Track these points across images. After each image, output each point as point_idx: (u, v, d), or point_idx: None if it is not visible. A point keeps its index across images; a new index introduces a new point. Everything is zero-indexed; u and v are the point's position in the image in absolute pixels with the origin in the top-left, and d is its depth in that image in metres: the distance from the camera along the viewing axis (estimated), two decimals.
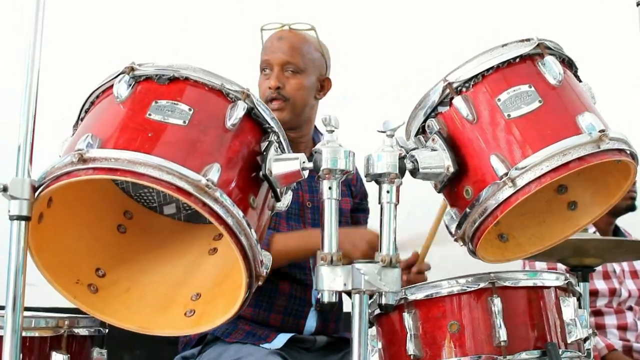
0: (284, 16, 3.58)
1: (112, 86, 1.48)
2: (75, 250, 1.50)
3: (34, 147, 1.43)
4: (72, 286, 1.49)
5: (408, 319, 1.69)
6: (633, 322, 3.11)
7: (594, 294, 3.14)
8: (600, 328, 3.07)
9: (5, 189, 1.33)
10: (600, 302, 3.21)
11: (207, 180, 1.32)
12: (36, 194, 1.36)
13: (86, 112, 1.55)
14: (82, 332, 1.62)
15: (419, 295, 1.69)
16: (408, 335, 1.69)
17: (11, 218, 1.34)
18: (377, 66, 4.37)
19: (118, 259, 1.58)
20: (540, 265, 2.86)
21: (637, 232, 3.37)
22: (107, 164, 1.34)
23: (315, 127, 2.73)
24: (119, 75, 1.48)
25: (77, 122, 1.56)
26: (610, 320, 3.09)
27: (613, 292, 3.06)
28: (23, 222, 1.35)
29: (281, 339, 2.18)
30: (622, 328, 3.10)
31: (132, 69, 1.48)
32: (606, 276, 3.05)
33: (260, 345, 2.15)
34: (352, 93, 4.17)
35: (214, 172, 1.34)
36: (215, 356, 2.13)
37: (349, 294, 1.42)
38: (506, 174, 1.45)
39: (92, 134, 1.37)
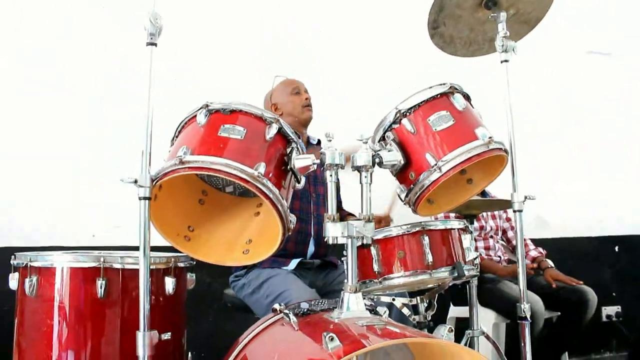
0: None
1: (194, 116, 1.45)
2: (175, 216, 1.46)
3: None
4: (174, 237, 1.46)
5: (373, 250, 1.66)
6: (493, 244, 3.11)
7: None
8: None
9: (136, 181, 1.30)
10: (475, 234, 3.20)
11: (258, 173, 1.30)
12: (154, 183, 1.33)
13: (179, 132, 1.50)
14: (181, 264, 1.58)
15: (379, 235, 1.66)
16: (374, 259, 1.66)
17: (140, 199, 1.31)
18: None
19: (200, 220, 1.54)
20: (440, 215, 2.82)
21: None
22: (196, 164, 1.32)
23: None
24: (199, 109, 1.44)
25: (173, 138, 1.52)
26: (480, 244, 3.09)
27: (482, 228, 3.05)
28: (146, 201, 1.31)
29: (293, 263, 2.16)
30: (487, 248, 3.10)
31: (207, 106, 1.44)
32: (479, 219, 3.05)
33: (281, 268, 2.12)
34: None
35: (262, 168, 1.32)
36: (255, 276, 2.11)
37: None
38: (435, 164, 1.45)
39: (185, 146, 1.35)
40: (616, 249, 4.03)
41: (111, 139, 2.81)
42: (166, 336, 1.33)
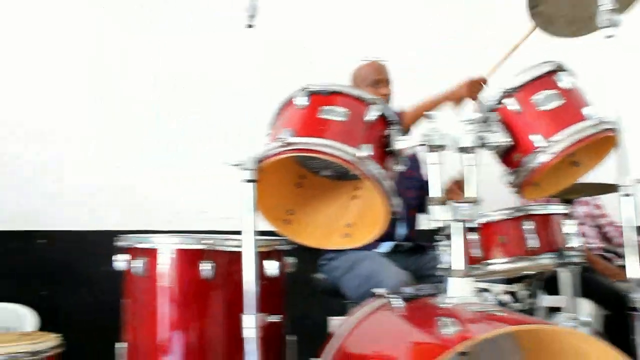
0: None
1: (291, 100, 1.45)
2: (274, 200, 1.47)
3: None
4: (276, 220, 1.47)
5: (474, 235, 1.62)
6: (586, 231, 2.97)
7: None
8: None
9: (241, 165, 1.31)
10: None
11: (362, 154, 1.29)
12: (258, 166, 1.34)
13: (277, 117, 1.51)
14: (282, 248, 1.59)
15: (482, 220, 1.61)
16: (474, 244, 1.62)
17: (245, 182, 1.32)
18: None
19: (299, 203, 1.55)
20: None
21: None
22: (301, 146, 1.32)
23: None
24: (298, 92, 1.44)
25: (272, 124, 1.53)
26: None
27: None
28: (252, 184, 1.32)
29: (385, 246, 2.16)
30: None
31: (306, 88, 1.44)
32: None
33: (372, 250, 2.11)
34: None
35: (366, 149, 1.31)
36: (346, 258, 2.11)
37: None
38: (543, 146, 1.39)
39: (288, 128, 1.35)
40: None
41: (208, 127, 2.88)
42: (275, 318, 1.35)
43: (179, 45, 3.12)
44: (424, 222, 2.45)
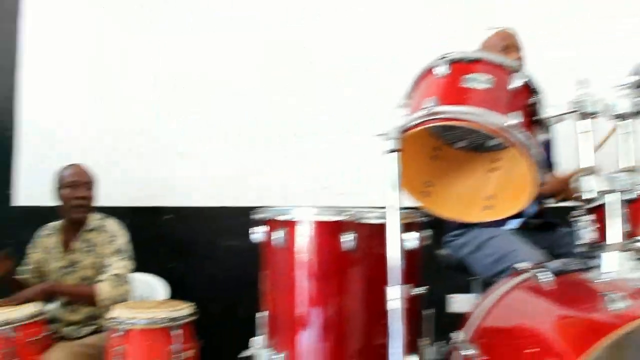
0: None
1: (430, 70, 1.42)
2: (413, 171, 1.45)
3: None
4: (415, 192, 1.46)
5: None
6: None
7: None
8: None
9: (386, 135, 1.30)
10: None
11: (510, 122, 1.24)
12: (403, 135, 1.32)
13: (414, 87, 1.48)
14: (421, 220, 1.58)
15: None
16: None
17: (388, 152, 1.31)
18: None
19: (436, 176, 1.53)
20: None
21: None
22: (448, 115, 1.28)
23: None
24: (437, 61, 1.40)
25: (407, 96, 1.50)
26: None
27: None
28: (397, 154, 1.31)
29: (514, 222, 2.09)
30: None
31: (446, 57, 1.39)
32: None
33: (501, 227, 2.05)
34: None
35: (513, 117, 1.26)
36: (475, 235, 2.06)
37: None
38: None
39: (431, 97, 1.32)
40: None
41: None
42: (419, 290, 1.34)
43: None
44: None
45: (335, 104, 3.09)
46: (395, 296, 1.28)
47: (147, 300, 2.40)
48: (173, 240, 2.99)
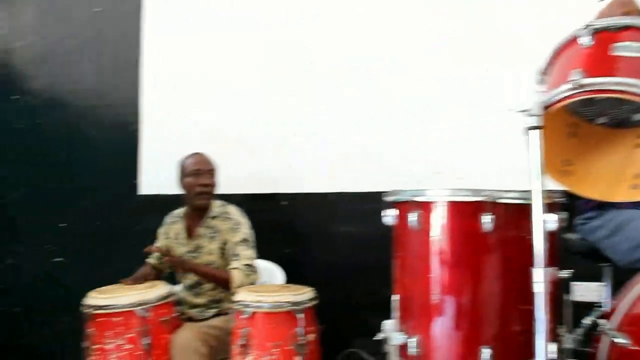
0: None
1: (572, 40, 1.34)
2: (550, 149, 1.37)
3: None
4: (554, 172, 1.41)
5: None
6: None
7: None
8: None
9: (529, 110, 1.25)
10: None
11: None
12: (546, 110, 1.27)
13: (554, 59, 1.41)
14: (561, 200, 1.50)
15: None
16: None
17: (530, 129, 1.25)
18: None
19: (576, 154, 1.45)
20: None
21: None
22: (597, 87, 1.22)
23: None
24: (580, 31, 1.32)
25: (544, 71, 1.44)
26: None
27: None
28: (538, 131, 1.25)
29: None
30: None
31: (590, 26, 1.31)
32: None
33: None
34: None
35: None
36: (612, 217, 1.92)
37: None
38: None
39: (577, 69, 1.24)
40: None
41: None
42: (565, 273, 1.28)
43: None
44: None
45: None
46: (540, 278, 1.23)
47: (270, 284, 2.45)
48: (288, 226, 3.05)
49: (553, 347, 1.27)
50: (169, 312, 2.14)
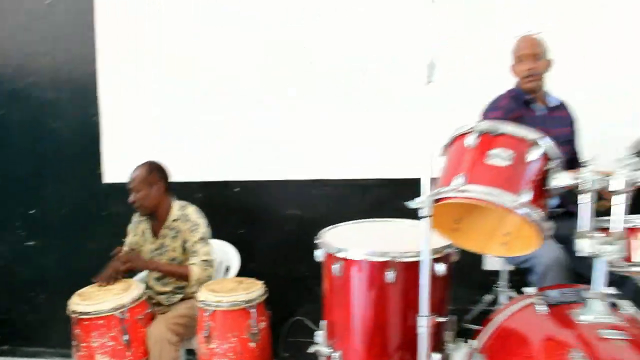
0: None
1: (462, 135, 1.76)
2: (444, 214, 1.80)
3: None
4: (445, 231, 1.85)
5: None
6: None
7: None
8: None
9: (421, 206, 1.69)
10: None
11: (521, 201, 1.59)
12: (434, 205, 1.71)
13: (447, 147, 1.82)
14: (449, 251, 1.99)
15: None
16: None
17: (422, 217, 1.70)
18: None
19: (463, 214, 1.88)
20: None
21: None
22: (471, 194, 1.63)
23: None
24: (468, 130, 1.73)
25: (444, 150, 1.85)
26: None
27: None
28: (429, 218, 1.70)
29: None
30: None
31: (476, 127, 1.72)
32: None
33: None
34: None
35: (524, 195, 1.60)
36: None
37: None
38: None
39: (460, 174, 1.66)
40: None
41: None
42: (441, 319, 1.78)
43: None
44: None
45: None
46: (423, 324, 1.74)
47: (228, 278, 2.87)
48: (241, 210, 3.49)
49: (437, 356, 1.82)
50: (143, 310, 2.61)
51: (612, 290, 1.86)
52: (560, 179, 1.68)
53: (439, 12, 3.05)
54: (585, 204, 1.67)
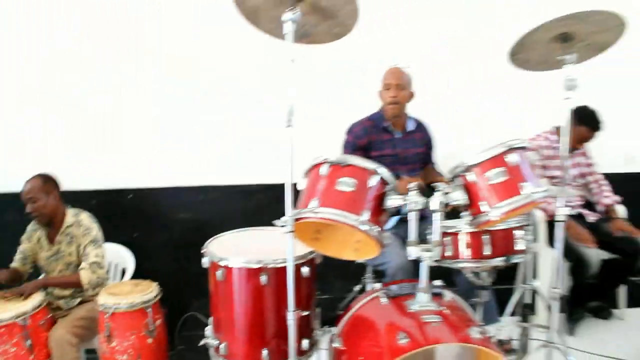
0: None
1: (318, 165, 2.18)
2: (308, 226, 2.25)
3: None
4: (307, 240, 2.28)
5: (447, 239, 2.42)
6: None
7: None
8: None
9: (284, 224, 2.12)
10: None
11: (362, 219, 2.05)
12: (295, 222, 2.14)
13: (307, 173, 2.24)
14: (312, 256, 2.45)
15: (454, 230, 2.41)
16: (446, 248, 2.44)
17: (287, 232, 2.13)
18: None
19: (322, 226, 2.32)
20: None
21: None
22: (323, 215, 2.06)
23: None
24: (323, 162, 2.16)
25: (305, 175, 2.26)
26: None
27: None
28: (291, 233, 2.13)
29: (393, 220, 3.00)
30: None
31: (327, 159, 2.15)
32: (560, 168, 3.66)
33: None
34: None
35: (365, 215, 2.07)
36: None
37: None
38: (486, 212, 2.11)
39: (315, 199, 2.10)
40: None
41: None
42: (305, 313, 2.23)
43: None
44: None
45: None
46: (291, 317, 2.19)
47: (125, 282, 3.18)
48: (135, 215, 3.78)
49: (306, 341, 2.28)
50: (44, 316, 2.87)
51: (439, 283, 2.43)
52: (393, 200, 2.17)
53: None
54: (411, 220, 2.18)
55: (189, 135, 3.73)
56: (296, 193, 2.09)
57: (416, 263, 2.26)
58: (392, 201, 2.17)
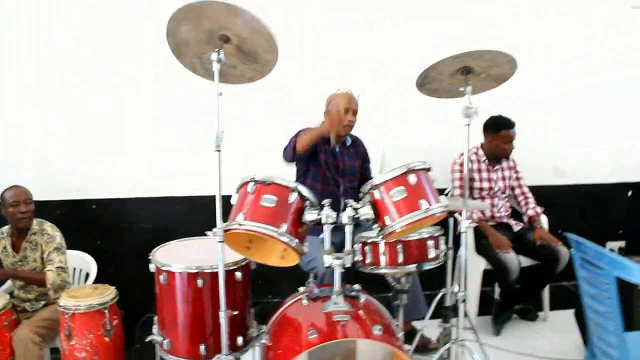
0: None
1: (247, 184, 2.55)
2: (240, 238, 2.62)
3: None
4: (240, 249, 2.62)
5: (367, 248, 2.82)
6: (497, 202, 4.20)
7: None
8: None
9: (215, 233, 2.50)
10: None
11: (282, 230, 2.41)
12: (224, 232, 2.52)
13: (238, 190, 2.58)
14: (244, 263, 2.83)
15: (371, 240, 2.80)
16: (367, 255, 2.85)
17: (220, 242, 2.52)
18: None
19: (253, 237, 2.69)
20: None
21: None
22: (249, 227, 2.42)
23: None
24: (250, 181, 2.52)
25: (237, 190, 2.64)
26: (488, 201, 4.14)
27: (490, 189, 4.09)
28: (222, 243, 2.50)
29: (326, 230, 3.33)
30: (493, 205, 4.14)
31: (254, 179, 2.51)
32: (489, 181, 4.10)
33: (319, 235, 3.01)
34: None
35: (284, 227, 2.43)
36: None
37: None
38: (390, 225, 2.48)
39: (242, 213, 2.47)
40: (629, 193, 4.74)
41: None
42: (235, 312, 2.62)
43: None
44: None
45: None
46: (223, 316, 2.57)
47: (86, 286, 3.49)
48: (98, 224, 4.12)
49: (241, 338, 2.66)
50: (9, 316, 3.22)
51: (356, 286, 2.83)
52: (309, 215, 2.53)
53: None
54: (326, 232, 2.57)
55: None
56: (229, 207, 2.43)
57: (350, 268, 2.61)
58: (308, 216, 2.53)
